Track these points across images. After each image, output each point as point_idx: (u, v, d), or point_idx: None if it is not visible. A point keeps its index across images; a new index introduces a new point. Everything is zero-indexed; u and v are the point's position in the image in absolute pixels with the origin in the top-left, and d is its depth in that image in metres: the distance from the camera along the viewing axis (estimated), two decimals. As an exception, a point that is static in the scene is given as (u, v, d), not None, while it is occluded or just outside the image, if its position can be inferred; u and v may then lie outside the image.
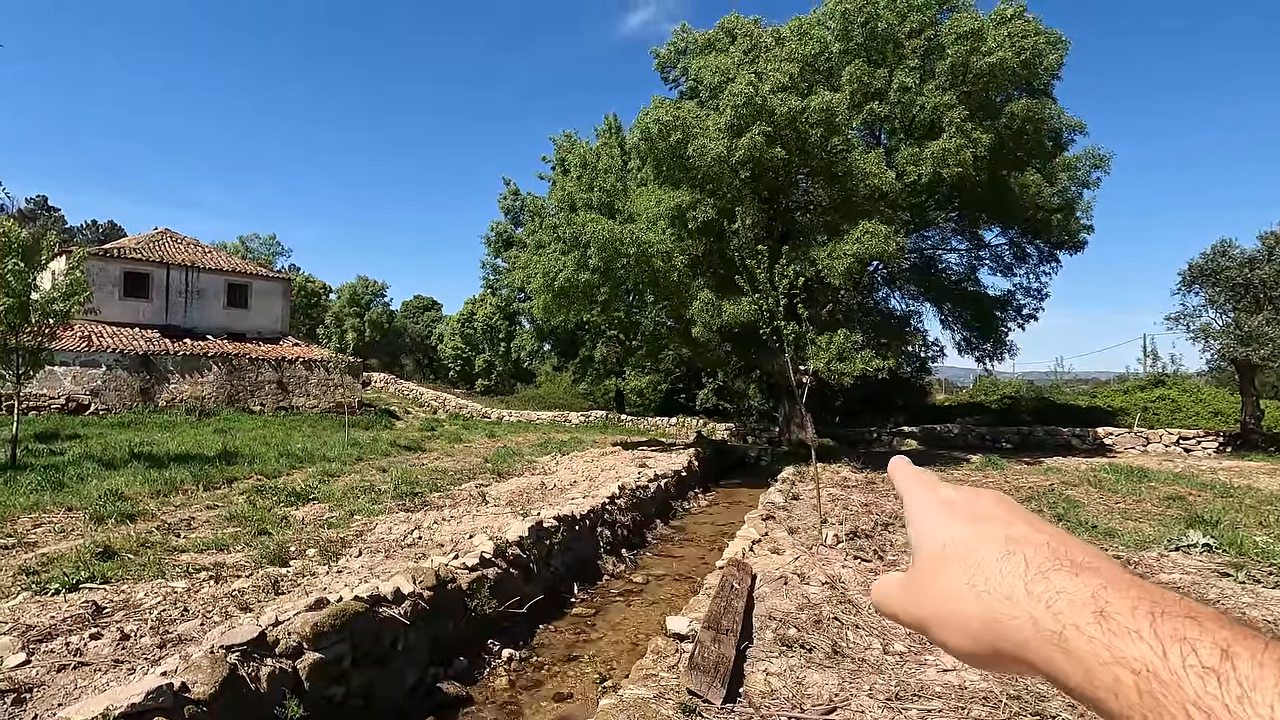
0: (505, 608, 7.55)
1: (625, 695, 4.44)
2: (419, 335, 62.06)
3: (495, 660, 7.09)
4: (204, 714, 4.17)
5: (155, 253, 29.59)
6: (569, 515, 10.19)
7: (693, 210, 18.29)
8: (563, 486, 13.50)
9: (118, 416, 23.07)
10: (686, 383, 36.08)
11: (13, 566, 7.05)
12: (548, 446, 21.64)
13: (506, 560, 8.15)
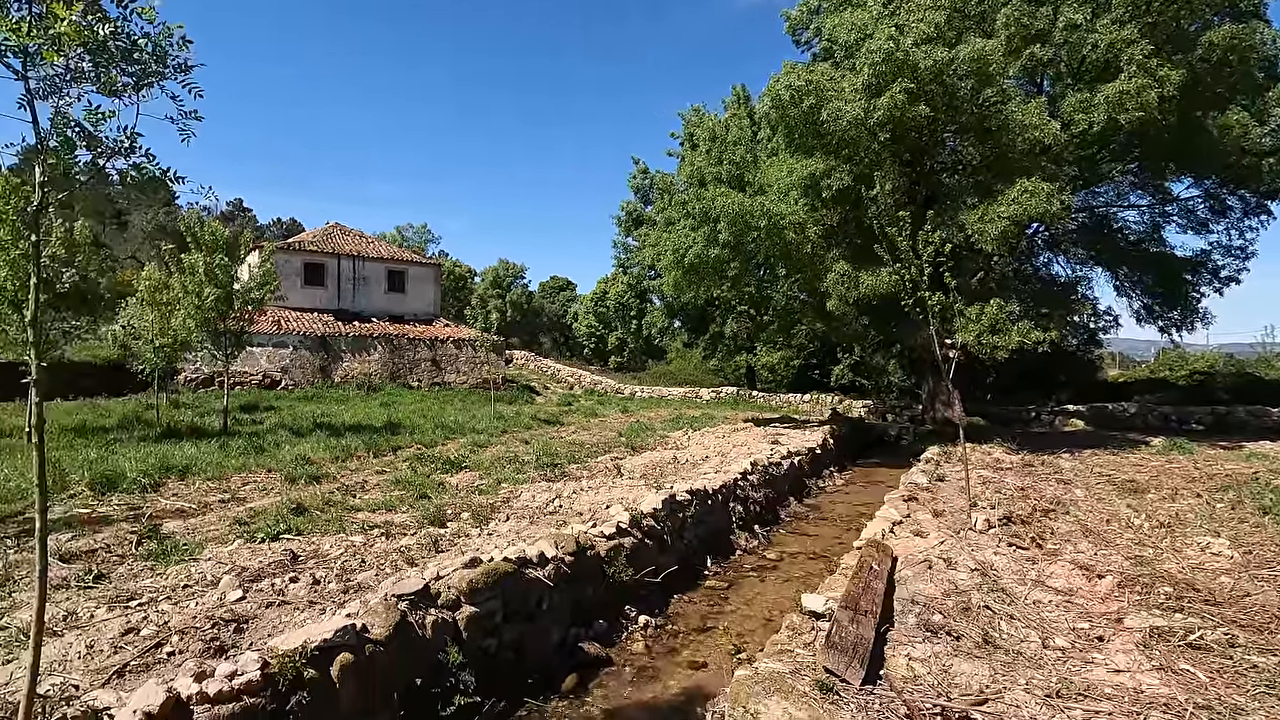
0: (641, 576, 7.80)
1: (760, 668, 4.46)
2: (555, 314, 64.77)
3: (632, 626, 7.37)
4: (381, 653, 4.70)
5: (328, 245, 33.01)
6: (701, 489, 10.29)
7: (827, 178, 17.52)
8: (694, 461, 13.64)
9: (302, 391, 26.15)
10: (821, 358, 34.95)
11: (229, 518, 8.27)
12: (679, 422, 21.89)
13: (641, 531, 8.40)
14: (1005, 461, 14.41)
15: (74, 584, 5.82)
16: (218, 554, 6.71)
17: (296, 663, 4.14)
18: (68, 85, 3.28)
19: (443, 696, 5.04)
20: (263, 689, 3.94)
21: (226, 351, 15.79)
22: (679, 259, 19.13)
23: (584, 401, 30.38)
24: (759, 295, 23.21)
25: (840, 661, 4.44)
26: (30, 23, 3.09)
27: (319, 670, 4.29)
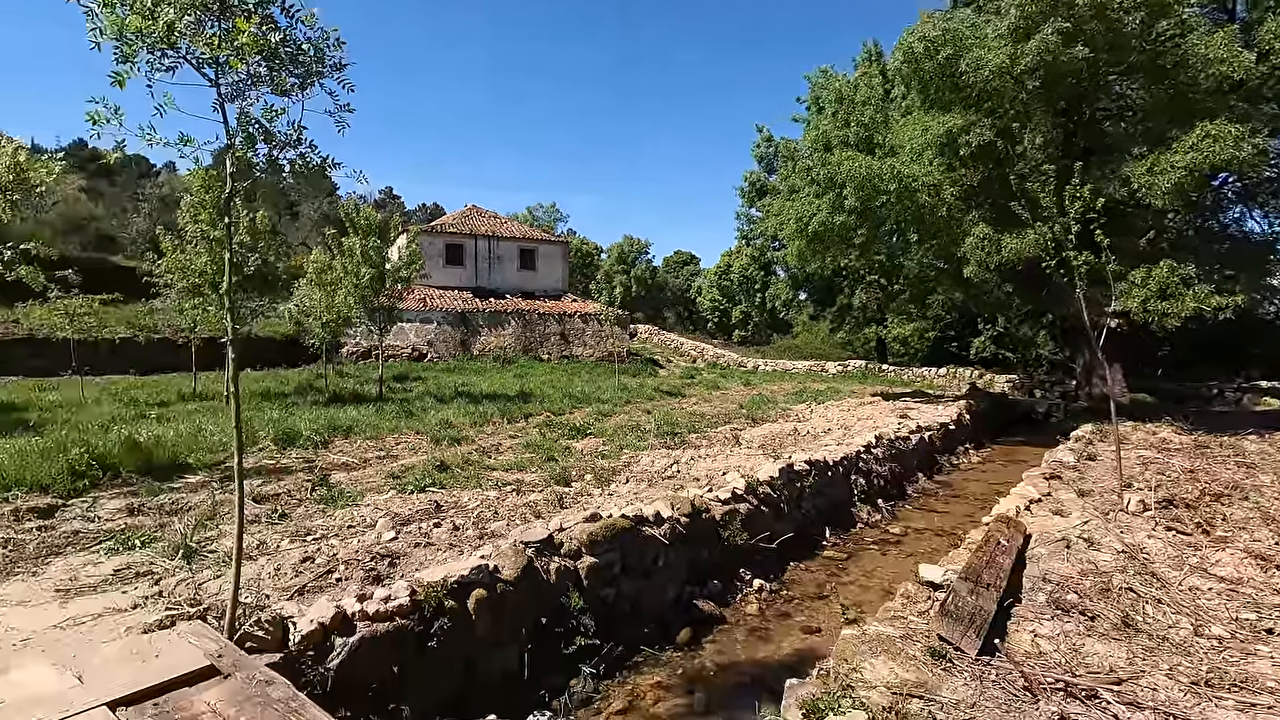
0: (756, 541, 7.91)
1: (869, 630, 4.46)
2: (679, 289, 65.09)
3: (747, 588, 7.52)
4: (511, 592, 5.18)
5: (466, 226, 35.20)
6: (821, 460, 10.16)
7: (965, 134, 16.26)
8: (815, 434, 13.42)
9: (445, 363, 28.30)
10: (959, 330, 32.72)
11: (384, 472, 9.27)
12: (802, 395, 21.49)
13: (757, 498, 8.47)
14: (1174, 442, 12.94)
15: (264, 520, 6.84)
16: (375, 501, 7.59)
17: (439, 593, 4.68)
18: (248, 88, 3.84)
19: (565, 636, 5.47)
20: (411, 613, 4.50)
21: (380, 326, 17.45)
22: (802, 227, 18.63)
23: (706, 375, 30.53)
24: (889, 263, 22.11)
25: (955, 630, 4.35)
26: (220, 37, 3.65)
27: (458, 602, 4.82)
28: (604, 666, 5.59)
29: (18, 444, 9.10)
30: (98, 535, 6.21)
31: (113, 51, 3.62)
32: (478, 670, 4.87)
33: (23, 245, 8.69)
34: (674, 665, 5.88)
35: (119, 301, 22.08)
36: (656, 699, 5.33)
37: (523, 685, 5.08)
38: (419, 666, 4.47)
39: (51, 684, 3.26)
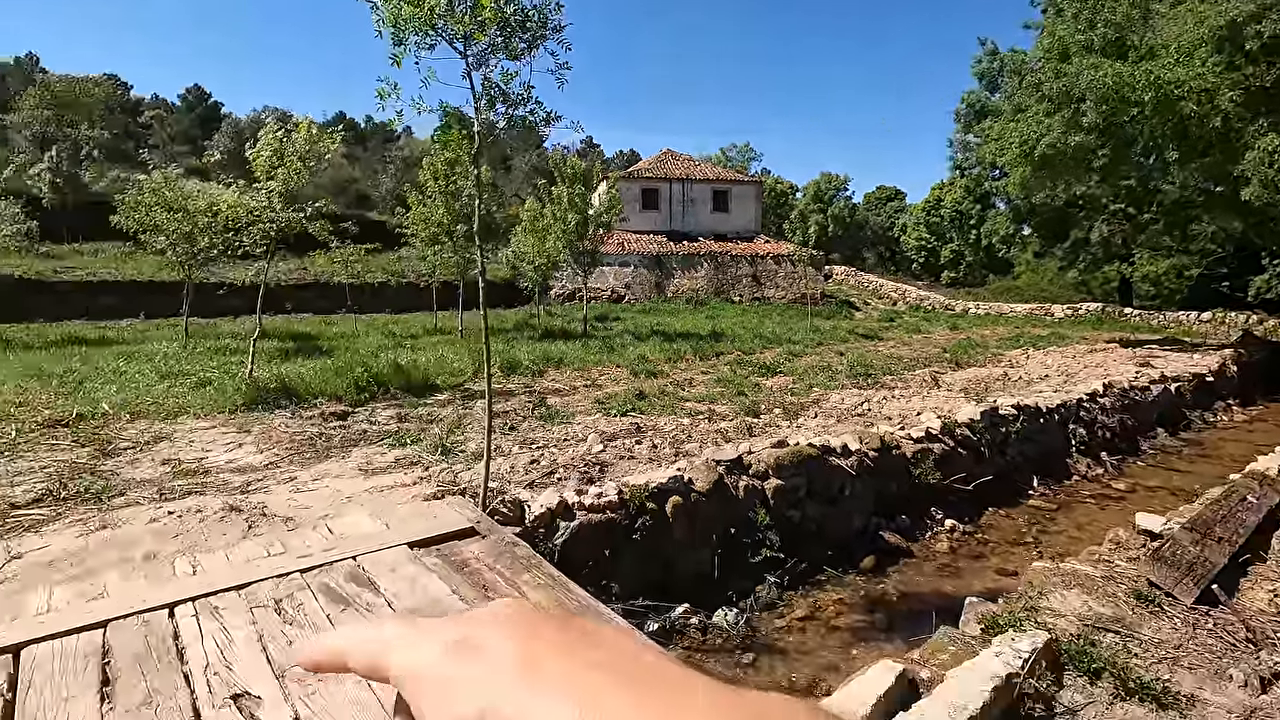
0: (949, 482, 7.72)
1: (1065, 566, 4.35)
2: (880, 227, 61.00)
3: (937, 527, 7.43)
4: (703, 502, 5.75)
5: (661, 171, 36.01)
6: (1031, 406, 9.45)
7: (1256, 22, 13.27)
8: (1029, 379, 12.34)
9: (641, 305, 29.75)
10: (1232, 266, 27.21)
11: (590, 398, 10.34)
12: (1019, 340, 19.59)
13: (954, 439, 8.20)
14: None
15: (497, 431, 8.10)
16: (585, 421, 8.59)
17: (641, 495, 5.36)
18: (488, 56, 4.53)
19: (751, 547, 5.95)
20: (619, 508, 5.23)
21: (584, 269, 18.87)
22: (1027, 151, 16.61)
23: (907, 318, 28.80)
24: (1140, 189, 18.96)
25: (1168, 576, 4.10)
26: (467, 13, 4.35)
27: (657, 505, 5.48)
28: (788, 579, 6.00)
29: (317, 365, 11.52)
30: (380, 434, 7.82)
31: (390, 38, 4.47)
32: (674, 567, 5.54)
33: (315, 204, 10.76)
34: (856, 587, 6.12)
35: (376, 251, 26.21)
36: (837, 612, 5.65)
37: (712, 584, 5.67)
38: (625, 554, 5.21)
39: (370, 526, 4.42)
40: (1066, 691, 3.19)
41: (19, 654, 2.97)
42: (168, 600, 3.39)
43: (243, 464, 6.56)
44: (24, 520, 4.82)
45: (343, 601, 3.46)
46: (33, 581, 3.67)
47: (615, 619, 3.44)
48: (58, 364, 11.65)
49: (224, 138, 41.44)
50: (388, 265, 27.78)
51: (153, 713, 2.62)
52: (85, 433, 7.67)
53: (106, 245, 24.50)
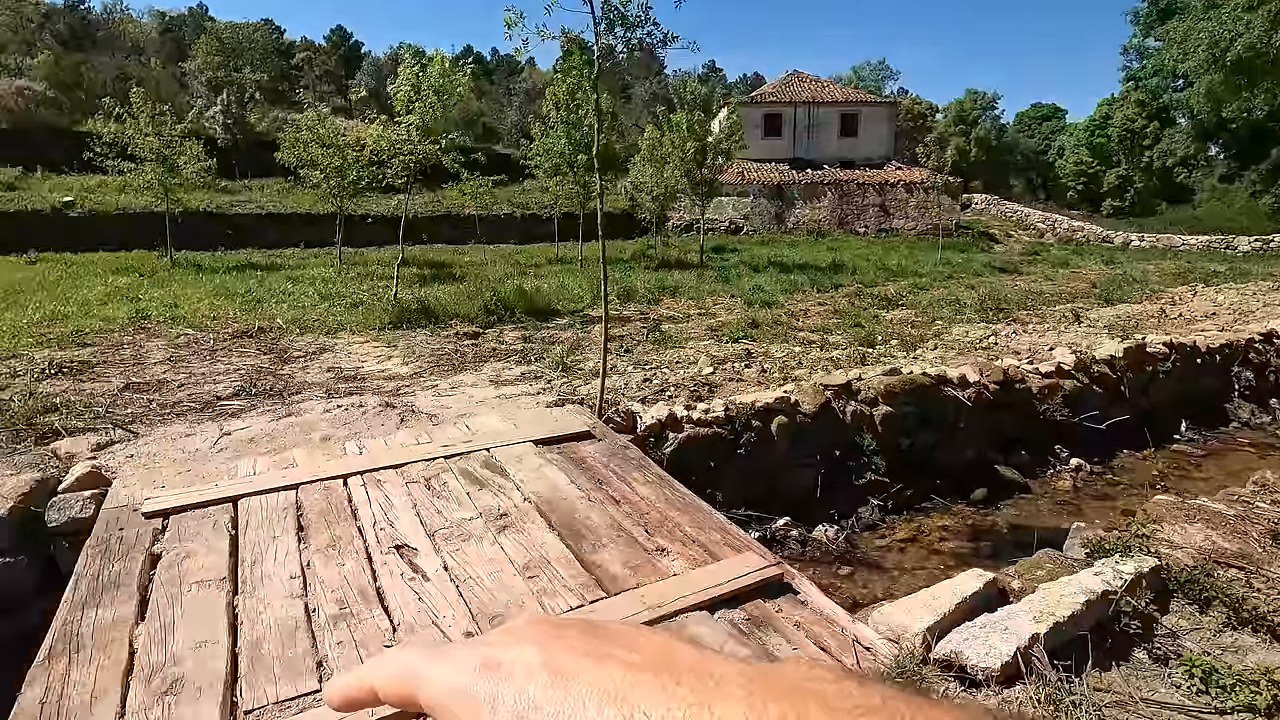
0: (1079, 420, 7.32)
1: (1192, 501, 4.14)
2: (1032, 151, 55.11)
3: (1060, 465, 7.14)
4: (808, 423, 5.88)
5: (785, 94, 34.30)
6: (1188, 344, 8.61)
7: None
8: (1191, 318, 11.13)
9: (759, 236, 29.11)
10: None
11: (704, 325, 10.55)
12: (1185, 277, 17.50)
13: (1089, 376, 7.71)
14: None
15: (614, 353, 8.54)
16: (696, 346, 8.84)
17: (746, 413, 5.58)
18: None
19: (856, 469, 6.05)
20: (724, 424, 5.50)
21: (702, 198, 18.73)
22: (1218, 55, 14.36)
23: (1055, 251, 26.30)
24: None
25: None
26: (588, -62, 4.45)
27: (763, 423, 5.69)
28: (891, 504, 6.08)
29: (452, 289, 12.46)
30: (507, 352, 8.49)
31: (516, -34, 4.67)
32: (777, 483, 5.77)
33: (450, 136, 11.41)
34: (963, 516, 6.10)
35: (502, 183, 27.23)
36: (940, 538, 5.68)
37: (815, 502, 5.86)
38: (729, 468, 5.50)
39: (500, 425, 4.97)
40: (1171, 617, 3.15)
41: (238, 503, 3.73)
42: (341, 472, 4.07)
43: (391, 373, 7.41)
44: (227, 408, 5.81)
45: (478, 483, 4.00)
46: (241, 452, 4.52)
47: (716, 515, 3.74)
48: (239, 285, 13.38)
49: (365, 76, 43.92)
50: (513, 197, 28.83)
51: (337, 552, 3.25)
52: (265, 343, 8.91)
53: (269, 181, 27.17)
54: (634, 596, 2.91)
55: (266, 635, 2.68)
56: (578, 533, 3.45)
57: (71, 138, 23.46)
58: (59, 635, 2.67)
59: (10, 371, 7.00)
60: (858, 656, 2.66)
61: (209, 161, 17.87)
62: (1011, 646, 2.57)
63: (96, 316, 9.99)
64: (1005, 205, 36.64)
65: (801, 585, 3.13)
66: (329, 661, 2.54)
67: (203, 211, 22.52)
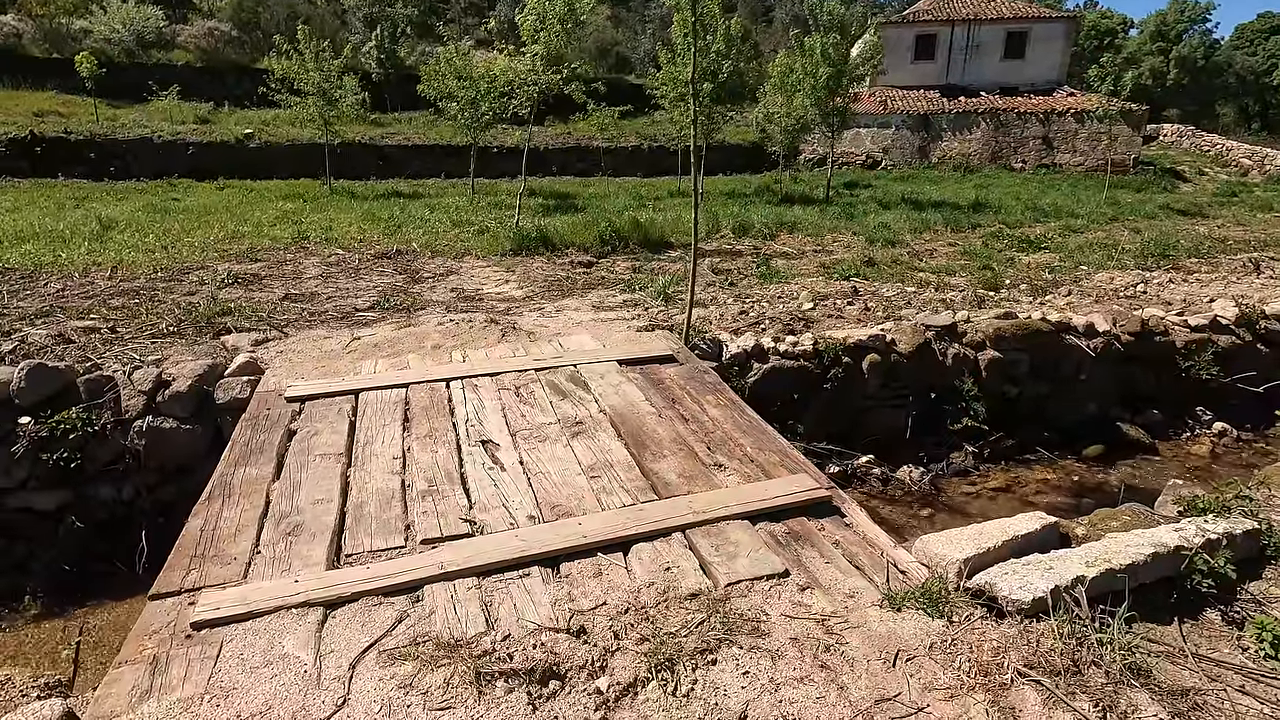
0: (1232, 380, 6.54)
1: (1328, 471, 3.70)
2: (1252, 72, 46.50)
3: (1200, 429, 6.48)
4: (903, 364, 5.73)
5: (943, 11, 31.03)
6: (1395, 303, 7.30)
7: None
8: None
9: (899, 171, 27.17)
10: None
11: (816, 262, 10.26)
12: None
13: (1253, 333, 6.80)
14: None
15: (717, 285, 8.61)
16: (803, 282, 8.68)
17: (836, 348, 5.53)
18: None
19: (952, 414, 5.84)
20: (811, 357, 5.49)
21: (833, 129, 17.74)
22: None
23: (1259, 192, 22.50)
24: None
25: None
26: None
27: (853, 360, 5.62)
28: (989, 452, 5.84)
29: (571, 220, 12.88)
30: (615, 281, 8.78)
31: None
32: (863, 420, 5.72)
33: (572, 66, 11.55)
34: (1070, 471, 5.75)
35: (630, 114, 27.14)
36: (1037, 490, 5.43)
37: (903, 443, 5.76)
38: (814, 401, 5.52)
39: (591, 345, 5.30)
40: (1262, 583, 2.92)
41: (359, 395, 4.31)
42: (445, 376, 4.56)
43: (506, 295, 7.94)
44: (362, 319, 6.57)
45: (561, 394, 4.34)
46: (366, 354, 5.16)
47: (779, 439, 3.85)
48: (384, 211, 14.58)
49: (504, 6, 44.59)
50: (641, 129, 28.69)
51: (432, 441, 3.73)
52: (401, 263, 9.78)
53: (416, 114, 28.81)
54: (682, 501, 3.13)
55: (369, 500, 3.19)
56: (642, 443, 3.70)
57: (251, 74, 26.01)
58: (216, 484, 3.32)
59: (199, 280, 8.25)
60: (889, 576, 2.74)
61: (363, 95, 19.25)
62: (1049, 584, 2.53)
63: (266, 236, 11.36)
64: (1202, 137, 31.57)
65: (849, 510, 3.21)
66: (415, 525, 2.99)
67: (358, 143, 24.40)
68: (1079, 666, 2.23)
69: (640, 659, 2.29)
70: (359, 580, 2.59)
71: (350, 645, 2.33)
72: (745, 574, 2.67)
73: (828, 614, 2.51)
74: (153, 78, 26.03)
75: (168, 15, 29.25)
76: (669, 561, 2.75)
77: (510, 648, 2.31)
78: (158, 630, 2.38)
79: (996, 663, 2.26)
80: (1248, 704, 2.28)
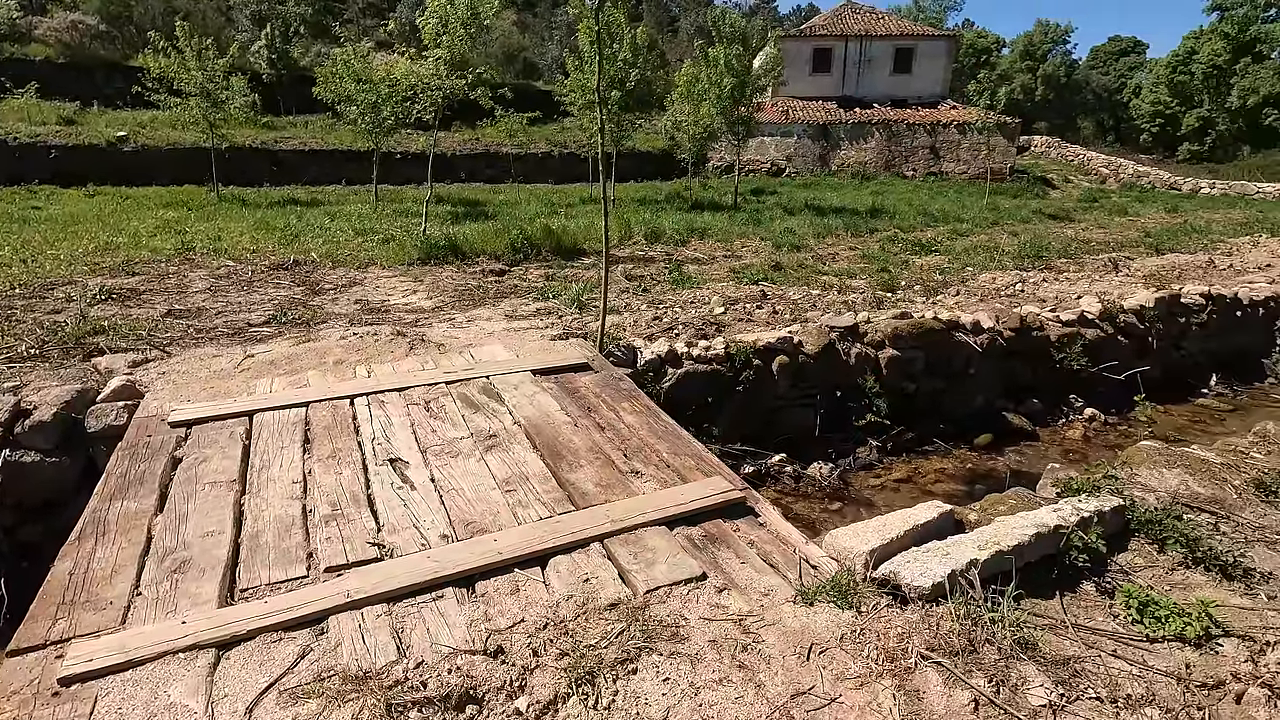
0: (1098, 369, 7.18)
1: (1177, 449, 4.12)
2: (1106, 89, 51.46)
3: (1074, 414, 7.07)
4: (810, 364, 5.95)
5: (837, 27, 32.63)
6: (1228, 296, 8.27)
7: None
8: (1242, 269, 10.59)
9: (802, 179, 28.30)
10: None
11: (726, 267, 10.52)
12: (1252, 226, 16.51)
13: (1114, 326, 7.51)
14: None
15: (631, 292, 8.66)
16: (714, 287, 8.87)
17: (746, 351, 5.67)
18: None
19: (856, 411, 6.12)
20: (724, 361, 5.61)
21: (739, 138, 18.26)
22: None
23: (1115, 198, 24.93)
24: None
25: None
26: None
27: (763, 362, 5.78)
28: (891, 445, 6.16)
29: (482, 227, 12.63)
30: (528, 289, 8.68)
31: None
32: (775, 420, 5.89)
33: (477, 70, 11.35)
34: (964, 460, 6.15)
35: (540, 121, 26.94)
36: (936, 479, 5.77)
37: (813, 440, 5.98)
38: (727, 404, 5.64)
39: (504, 355, 5.20)
40: (1128, 555, 3.21)
41: (253, 417, 4.05)
42: (349, 393, 4.36)
43: (414, 306, 7.69)
44: (256, 334, 6.18)
45: (474, 407, 4.24)
46: (261, 372, 4.85)
47: (694, 443, 3.90)
48: (280, 220, 13.79)
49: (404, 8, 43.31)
50: (552, 135, 28.55)
51: (336, 462, 3.54)
52: (300, 275, 9.28)
53: (313, 117, 27.47)
54: (600, 511, 3.12)
55: (267, 529, 2.99)
56: (558, 454, 3.66)
57: (124, 72, 24.05)
58: (89, 520, 3.02)
59: (65, 296, 7.51)
60: (800, 571, 2.83)
61: (253, 96, 18.17)
62: (946, 569, 2.69)
63: (145, 247, 10.50)
64: (1067, 148, 34.65)
65: (763, 509, 3.29)
66: (318, 553, 2.83)
67: (248, 147, 23.01)
68: (975, 645, 2.37)
69: (560, 674, 2.26)
70: (256, 616, 2.42)
71: (247, 687, 2.17)
72: (663, 580, 2.69)
73: (744, 614, 2.56)
74: (5, 74, 23.61)
75: (23, 5, 26.60)
76: (587, 573, 2.73)
77: (424, 675, 2.23)
78: (18, 690, 2.14)
79: (902, 648, 2.37)
80: (1119, 666, 2.50)
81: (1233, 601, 2.88)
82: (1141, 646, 2.63)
